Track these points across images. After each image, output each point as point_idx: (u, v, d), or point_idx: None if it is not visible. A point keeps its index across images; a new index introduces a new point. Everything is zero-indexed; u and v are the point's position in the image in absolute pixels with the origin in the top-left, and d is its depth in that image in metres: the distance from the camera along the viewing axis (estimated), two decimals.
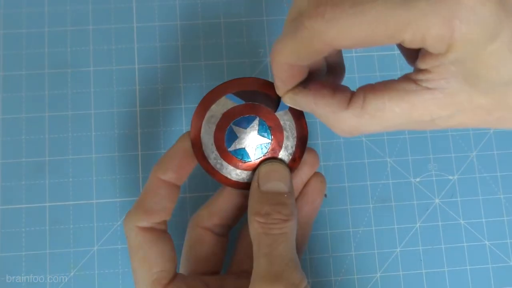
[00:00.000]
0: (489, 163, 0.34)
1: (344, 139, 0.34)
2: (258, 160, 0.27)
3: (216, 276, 0.28)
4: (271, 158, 0.27)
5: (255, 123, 0.27)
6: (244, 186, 0.27)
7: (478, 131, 0.35)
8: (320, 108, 0.23)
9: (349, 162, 0.34)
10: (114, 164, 0.33)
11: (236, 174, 0.27)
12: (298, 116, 0.27)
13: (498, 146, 0.35)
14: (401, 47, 0.23)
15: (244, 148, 0.27)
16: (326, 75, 0.25)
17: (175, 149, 0.27)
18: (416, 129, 0.22)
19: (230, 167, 0.27)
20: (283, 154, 0.27)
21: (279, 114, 0.27)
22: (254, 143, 0.27)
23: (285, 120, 0.27)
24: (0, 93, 0.33)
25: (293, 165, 0.27)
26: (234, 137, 0.27)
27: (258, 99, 0.26)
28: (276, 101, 0.27)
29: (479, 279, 0.33)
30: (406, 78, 0.21)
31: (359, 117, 0.22)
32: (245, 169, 0.27)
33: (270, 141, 0.27)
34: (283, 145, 0.27)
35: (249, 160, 0.27)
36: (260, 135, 0.27)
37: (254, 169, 0.27)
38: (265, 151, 0.27)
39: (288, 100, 0.24)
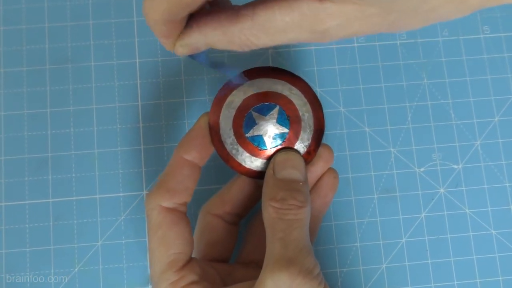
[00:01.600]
0: (494, 151, 0.34)
1: (347, 129, 0.34)
2: (274, 149, 0.27)
3: (225, 264, 0.28)
4: (287, 148, 0.27)
5: (275, 112, 0.27)
6: (257, 175, 0.27)
7: (483, 119, 0.34)
8: (211, 36, 0.22)
9: (353, 152, 0.34)
10: (117, 159, 0.33)
11: (251, 161, 0.27)
12: (317, 108, 0.27)
13: (502, 134, 0.34)
14: None
15: (261, 135, 0.27)
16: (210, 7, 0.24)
17: (197, 129, 0.27)
18: (312, 41, 0.22)
19: (246, 154, 0.27)
20: (299, 146, 0.27)
21: (299, 105, 0.27)
22: (272, 132, 0.27)
23: (304, 111, 0.27)
24: (1, 89, 0.33)
25: (307, 157, 0.27)
26: (253, 123, 0.27)
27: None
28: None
29: (486, 268, 0.33)
30: None
31: (251, 29, 0.21)
32: (260, 157, 0.27)
33: (287, 131, 0.27)
34: (300, 136, 0.27)
35: (265, 148, 0.27)
36: (279, 123, 0.27)
37: (269, 158, 0.27)
38: (282, 141, 0.27)
39: (181, 50, 0.23)
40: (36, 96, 0.33)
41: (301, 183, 0.25)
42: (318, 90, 0.34)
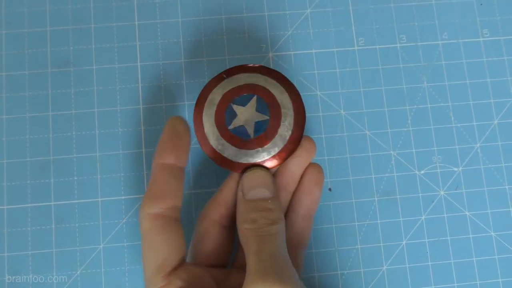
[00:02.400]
0: (493, 154, 0.34)
1: (348, 132, 0.34)
2: (258, 136, 0.27)
3: (223, 270, 0.28)
4: (254, 166, 0.27)
5: (253, 101, 0.28)
6: (245, 169, 0.28)
7: (482, 122, 0.35)
8: None
9: (353, 155, 0.34)
10: (119, 162, 0.33)
11: (236, 155, 0.27)
12: (295, 96, 0.28)
13: (502, 137, 0.34)
14: None
15: (243, 126, 0.28)
16: None
17: (166, 133, 0.27)
18: None
19: (231, 148, 0.27)
20: (282, 131, 0.27)
21: (276, 93, 0.28)
22: (253, 120, 0.27)
23: (282, 98, 0.28)
24: (4, 93, 0.33)
25: (293, 147, 0.27)
26: (233, 115, 0.28)
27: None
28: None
29: (486, 271, 0.33)
30: None
31: None
32: (245, 149, 0.27)
33: (268, 117, 0.27)
34: (281, 122, 0.27)
35: (249, 137, 0.27)
36: (258, 111, 0.28)
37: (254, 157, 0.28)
38: (264, 128, 0.27)
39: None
40: (38, 99, 0.33)
41: (270, 200, 0.26)
42: (318, 93, 0.34)
